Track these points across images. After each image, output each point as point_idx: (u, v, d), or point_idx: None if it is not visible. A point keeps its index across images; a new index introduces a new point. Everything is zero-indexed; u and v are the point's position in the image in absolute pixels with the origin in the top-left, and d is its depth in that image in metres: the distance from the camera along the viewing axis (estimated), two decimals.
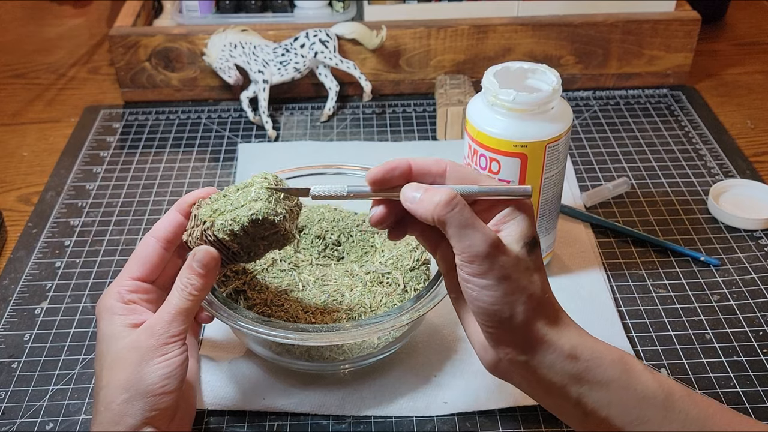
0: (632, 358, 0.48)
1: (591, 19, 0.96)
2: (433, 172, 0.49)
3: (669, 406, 0.46)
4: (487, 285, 0.46)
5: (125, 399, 0.47)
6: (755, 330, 0.66)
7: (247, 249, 0.51)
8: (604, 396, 0.46)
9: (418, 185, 0.48)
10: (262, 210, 0.49)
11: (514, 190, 0.48)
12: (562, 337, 0.47)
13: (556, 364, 0.47)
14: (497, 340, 0.48)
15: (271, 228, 0.50)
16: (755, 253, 0.74)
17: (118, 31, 0.95)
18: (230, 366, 0.62)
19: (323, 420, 0.59)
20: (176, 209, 0.54)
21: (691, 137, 0.92)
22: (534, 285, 0.47)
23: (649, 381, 0.47)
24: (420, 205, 0.46)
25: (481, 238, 0.45)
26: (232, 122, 0.96)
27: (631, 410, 0.46)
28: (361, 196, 0.49)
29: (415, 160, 0.49)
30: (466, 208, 0.46)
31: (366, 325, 0.55)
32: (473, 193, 0.48)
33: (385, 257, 0.63)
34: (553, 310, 0.48)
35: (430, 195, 0.46)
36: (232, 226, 0.49)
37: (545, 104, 0.62)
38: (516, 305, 0.46)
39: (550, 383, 0.47)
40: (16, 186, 0.86)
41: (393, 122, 0.95)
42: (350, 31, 0.94)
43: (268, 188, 0.51)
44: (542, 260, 0.49)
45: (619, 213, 0.80)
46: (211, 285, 0.52)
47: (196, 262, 0.50)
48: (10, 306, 0.70)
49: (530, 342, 0.47)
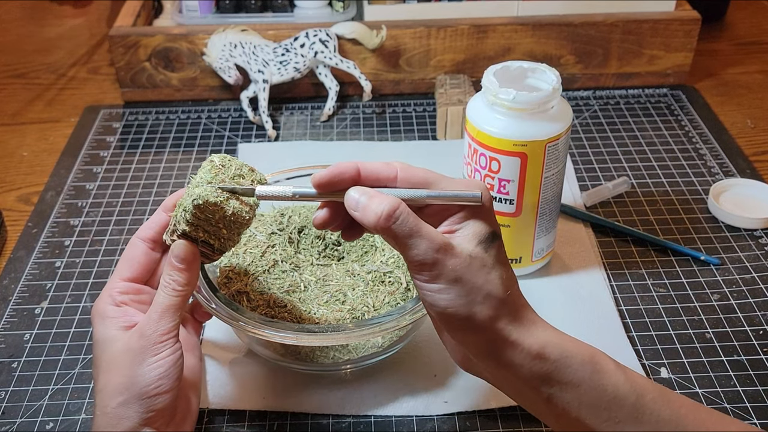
0: (604, 356, 0.47)
1: (591, 19, 0.96)
2: (382, 177, 0.48)
3: (640, 407, 0.45)
4: (439, 289, 0.45)
5: (120, 402, 0.47)
6: (755, 329, 0.66)
7: (213, 236, 0.51)
8: (574, 397, 0.46)
9: (363, 189, 0.46)
10: (202, 194, 0.49)
11: (463, 195, 0.46)
12: (530, 337, 0.46)
13: (524, 365, 0.46)
14: (462, 342, 0.47)
15: (218, 210, 0.50)
16: (755, 252, 0.74)
17: (118, 31, 0.95)
18: (231, 365, 0.62)
19: (323, 419, 0.59)
20: (162, 209, 0.54)
21: (691, 137, 0.92)
22: (491, 283, 0.46)
23: (620, 381, 0.46)
24: (363, 213, 0.46)
25: (426, 245, 0.44)
26: (232, 122, 0.96)
27: (602, 411, 0.45)
28: (306, 198, 0.49)
29: (365, 165, 0.48)
30: (409, 216, 0.45)
31: (370, 324, 0.55)
32: (422, 197, 0.47)
33: (386, 256, 0.63)
34: (517, 307, 0.47)
35: (374, 203, 0.45)
36: (185, 216, 0.50)
37: (545, 103, 0.62)
38: (473, 305, 0.45)
39: (520, 383, 0.47)
40: (16, 186, 0.86)
41: (393, 122, 0.95)
42: (350, 31, 0.94)
43: (220, 187, 0.50)
44: (505, 254, 0.48)
45: (619, 212, 0.80)
46: (196, 279, 0.51)
47: (174, 257, 0.50)
48: (10, 306, 0.70)
49: (494, 342, 0.46)
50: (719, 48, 1.12)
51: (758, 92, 1.02)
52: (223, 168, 0.51)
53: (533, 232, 0.68)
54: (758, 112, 0.97)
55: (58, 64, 1.10)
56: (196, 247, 0.51)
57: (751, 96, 1.01)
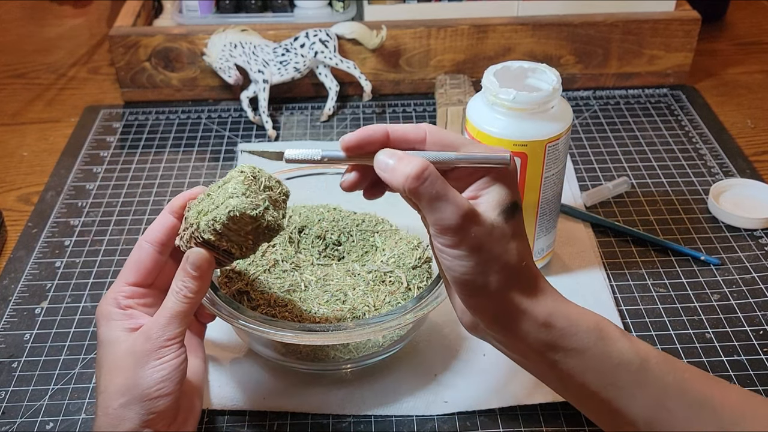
0: (609, 324, 0.48)
1: (591, 19, 0.96)
2: (411, 140, 0.48)
3: (644, 371, 0.46)
4: (459, 255, 0.45)
5: (122, 404, 0.47)
6: (755, 329, 0.66)
7: (237, 245, 0.51)
8: (579, 363, 0.47)
9: (393, 152, 0.46)
10: (238, 206, 0.49)
11: (492, 158, 0.46)
12: (538, 306, 0.47)
13: (530, 332, 0.47)
14: (472, 307, 0.48)
15: (253, 222, 0.50)
16: (755, 252, 0.74)
17: (118, 31, 0.95)
18: (231, 365, 0.62)
19: (323, 419, 0.59)
20: (168, 211, 0.54)
21: (691, 137, 0.92)
22: (509, 254, 0.46)
23: (625, 347, 0.47)
24: (392, 174, 0.46)
25: (452, 210, 0.44)
26: (232, 122, 0.96)
27: (606, 376, 0.46)
28: (335, 161, 0.48)
29: (393, 127, 0.48)
30: (437, 179, 0.45)
31: (371, 324, 0.55)
32: (450, 160, 0.47)
33: (387, 256, 0.63)
34: (530, 277, 0.48)
35: (403, 165, 0.45)
36: (214, 225, 0.49)
37: (545, 103, 0.62)
38: (489, 274, 0.46)
39: (526, 349, 0.48)
40: (16, 186, 0.86)
41: (393, 122, 0.95)
42: (350, 31, 0.94)
43: (245, 180, 0.51)
44: (523, 226, 0.48)
45: (619, 212, 0.80)
46: (207, 287, 0.51)
47: (190, 264, 0.50)
48: (10, 306, 0.70)
49: (505, 310, 0.47)
50: (719, 48, 1.12)
51: (758, 92, 1.02)
52: (254, 180, 0.52)
53: (533, 232, 0.68)
54: (758, 112, 0.97)
55: (58, 64, 1.10)
56: (213, 255, 0.51)
57: (751, 96, 1.01)
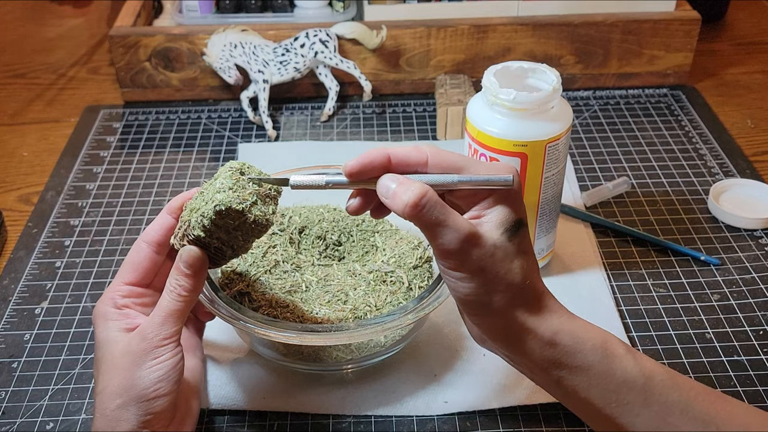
0: (614, 340, 0.48)
1: (591, 19, 0.96)
2: (413, 163, 0.48)
3: (649, 389, 0.46)
4: (462, 277, 0.46)
5: (119, 404, 0.47)
6: (755, 329, 0.66)
7: (228, 243, 0.51)
8: (583, 380, 0.47)
9: (394, 177, 0.47)
10: (224, 201, 0.49)
11: (495, 180, 0.47)
12: (543, 324, 0.47)
13: (535, 350, 0.47)
14: (478, 324, 0.49)
15: (239, 217, 0.49)
16: (755, 252, 0.74)
17: (118, 31, 0.95)
18: (231, 366, 0.62)
19: (323, 419, 0.59)
20: (166, 212, 0.54)
21: (691, 137, 0.92)
22: (512, 273, 0.47)
23: (630, 365, 0.47)
24: (392, 200, 0.46)
25: (452, 235, 0.45)
26: (232, 122, 0.96)
27: (610, 393, 0.47)
28: (339, 186, 0.49)
29: (394, 151, 0.48)
30: (436, 205, 0.45)
31: (373, 324, 0.55)
32: (452, 183, 0.47)
33: (388, 256, 0.63)
34: (535, 295, 0.48)
35: (402, 190, 0.46)
36: (203, 221, 0.49)
37: (545, 104, 0.62)
38: (493, 294, 0.46)
39: (531, 365, 0.48)
40: (16, 186, 0.86)
41: (393, 122, 0.95)
42: (350, 31, 0.94)
43: (251, 179, 0.51)
44: (529, 242, 0.48)
45: (619, 212, 0.80)
46: (202, 284, 0.51)
47: (183, 262, 0.50)
48: (10, 306, 0.70)
49: (510, 328, 0.47)
50: (719, 48, 1.12)
51: (758, 92, 1.02)
52: (243, 175, 0.51)
53: (533, 232, 0.68)
54: (758, 112, 0.97)
55: (58, 64, 1.10)
56: (206, 253, 0.51)
57: (751, 96, 1.01)
